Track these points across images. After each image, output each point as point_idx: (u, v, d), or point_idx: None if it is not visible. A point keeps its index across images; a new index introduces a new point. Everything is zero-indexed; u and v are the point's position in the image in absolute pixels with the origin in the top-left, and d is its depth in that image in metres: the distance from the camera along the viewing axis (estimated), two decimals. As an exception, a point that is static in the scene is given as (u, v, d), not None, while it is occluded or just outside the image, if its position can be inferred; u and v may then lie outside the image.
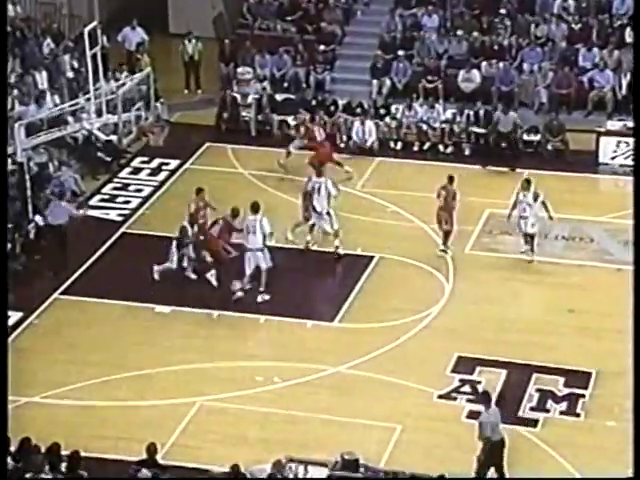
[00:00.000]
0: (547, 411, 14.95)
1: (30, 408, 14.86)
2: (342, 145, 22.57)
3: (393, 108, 22.96)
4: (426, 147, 22.48)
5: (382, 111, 22.90)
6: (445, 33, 24.39)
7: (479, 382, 15.40)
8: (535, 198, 17.88)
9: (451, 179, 18.32)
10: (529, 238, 18.11)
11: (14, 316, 16.77)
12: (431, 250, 18.42)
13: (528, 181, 18.18)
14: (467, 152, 22.30)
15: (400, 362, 15.81)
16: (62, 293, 17.62)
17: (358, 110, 22.90)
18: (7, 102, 20.54)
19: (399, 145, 22.58)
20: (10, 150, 18.93)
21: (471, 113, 22.47)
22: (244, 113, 23.29)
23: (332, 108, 23.10)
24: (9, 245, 17.89)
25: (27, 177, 18.86)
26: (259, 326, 16.81)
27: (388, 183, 19.46)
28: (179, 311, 17.03)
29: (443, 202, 18.13)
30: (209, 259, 17.51)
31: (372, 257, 18.39)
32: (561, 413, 14.92)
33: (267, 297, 17.18)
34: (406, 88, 23.63)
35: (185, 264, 17.37)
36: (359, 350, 16.04)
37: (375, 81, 23.83)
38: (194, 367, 15.76)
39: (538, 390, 15.29)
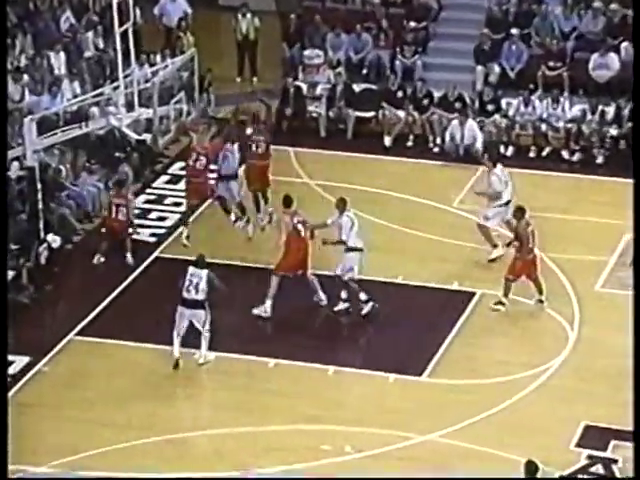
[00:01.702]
0: None
1: None
2: (435, 149, 22.60)
3: (503, 103, 23.00)
4: (546, 153, 22.47)
5: (489, 107, 22.89)
6: (573, 5, 24.28)
7: (615, 461, 15.22)
8: None
9: (522, 211, 17.71)
10: None
11: (18, 362, 16.97)
12: (551, 285, 18.27)
13: None
14: (600, 160, 22.15)
15: (508, 431, 15.72)
16: (79, 333, 17.80)
17: (457, 105, 22.93)
18: (7, 91, 20.87)
19: (510, 150, 22.57)
20: (17, 152, 19.21)
21: (606, 110, 22.28)
22: (312, 107, 23.50)
23: (424, 102, 23.16)
24: (13, 272, 18.13)
25: (39, 186, 19.10)
26: (326, 379, 16.82)
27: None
28: (225, 358, 17.11)
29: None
30: None
31: (472, 294, 18.37)
32: None
33: None
34: (521, 77, 23.64)
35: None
36: (454, 413, 15.99)
37: (480, 68, 23.85)
38: (241, 431, 15.78)
39: (692, 472, 15.05)
